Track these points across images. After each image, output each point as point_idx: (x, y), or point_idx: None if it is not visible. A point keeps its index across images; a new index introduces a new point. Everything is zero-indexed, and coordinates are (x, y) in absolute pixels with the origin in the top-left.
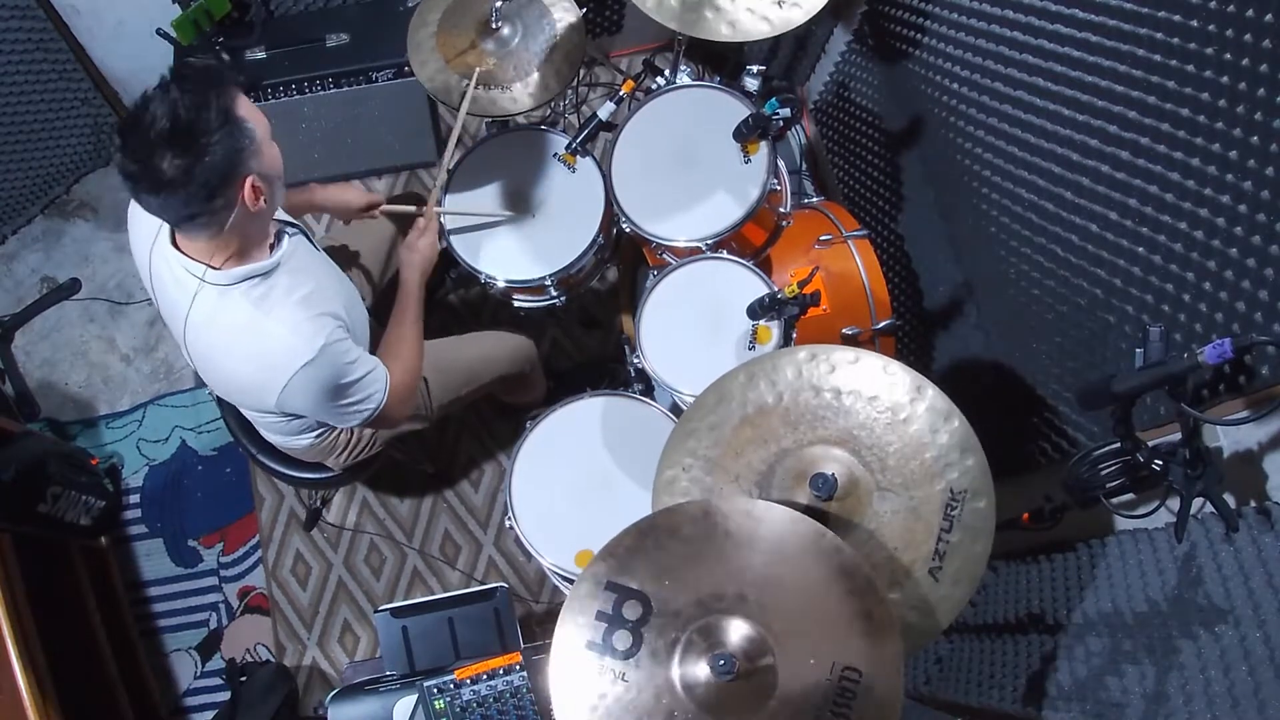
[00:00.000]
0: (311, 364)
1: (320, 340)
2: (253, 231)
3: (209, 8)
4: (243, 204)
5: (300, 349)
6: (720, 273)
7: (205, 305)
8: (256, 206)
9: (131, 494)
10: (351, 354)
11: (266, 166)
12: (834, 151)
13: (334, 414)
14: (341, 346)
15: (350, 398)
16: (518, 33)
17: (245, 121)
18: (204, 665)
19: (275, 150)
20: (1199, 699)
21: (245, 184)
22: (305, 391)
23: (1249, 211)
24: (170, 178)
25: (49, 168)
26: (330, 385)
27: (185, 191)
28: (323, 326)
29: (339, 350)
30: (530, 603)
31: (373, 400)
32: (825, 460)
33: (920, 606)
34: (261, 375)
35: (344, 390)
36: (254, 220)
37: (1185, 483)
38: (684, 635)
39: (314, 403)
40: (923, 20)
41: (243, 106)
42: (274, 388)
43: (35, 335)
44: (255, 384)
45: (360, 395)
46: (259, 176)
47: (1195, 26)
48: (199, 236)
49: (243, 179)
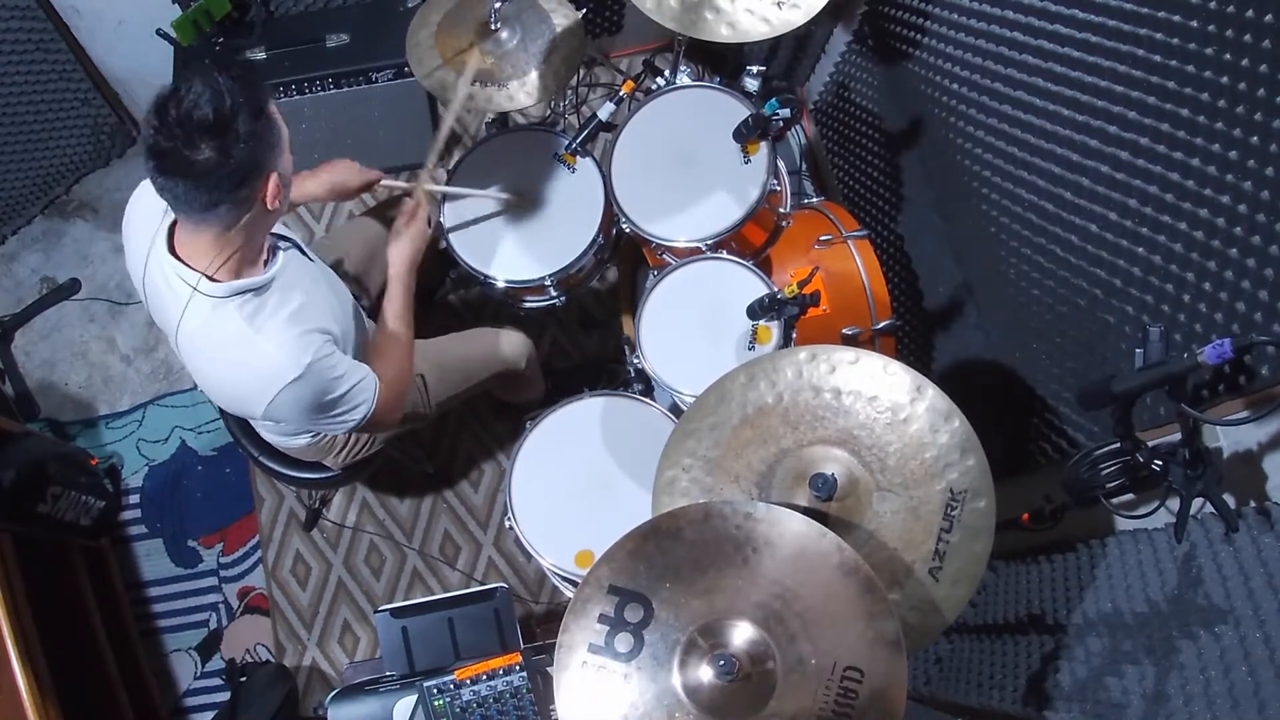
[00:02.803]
0: (297, 381)
1: (306, 358)
2: (256, 236)
3: (209, 8)
4: (262, 202)
5: (286, 367)
6: (720, 273)
7: (196, 317)
8: (274, 206)
9: (131, 494)
10: (339, 368)
11: (287, 166)
12: (834, 152)
13: (321, 424)
14: (328, 363)
15: (337, 410)
16: (517, 34)
17: (277, 119)
18: (204, 665)
19: (291, 158)
20: (1199, 699)
21: (270, 180)
22: (291, 406)
23: (1249, 211)
24: (201, 164)
25: (49, 168)
26: (316, 400)
27: (212, 179)
28: (309, 344)
29: (325, 366)
30: (530, 603)
31: (359, 410)
32: (825, 460)
33: (920, 607)
34: (248, 389)
35: (330, 404)
36: (262, 223)
37: (1185, 483)
38: (685, 637)
39: (300, 415)
40: (923, 20)
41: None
42: (260, 401)
43: (35, 335)
44: (242, 396)
45: (347, 406)
46: (281, 176)
47: (1195, 26)
48: (205, 233)
49: (268, 175)
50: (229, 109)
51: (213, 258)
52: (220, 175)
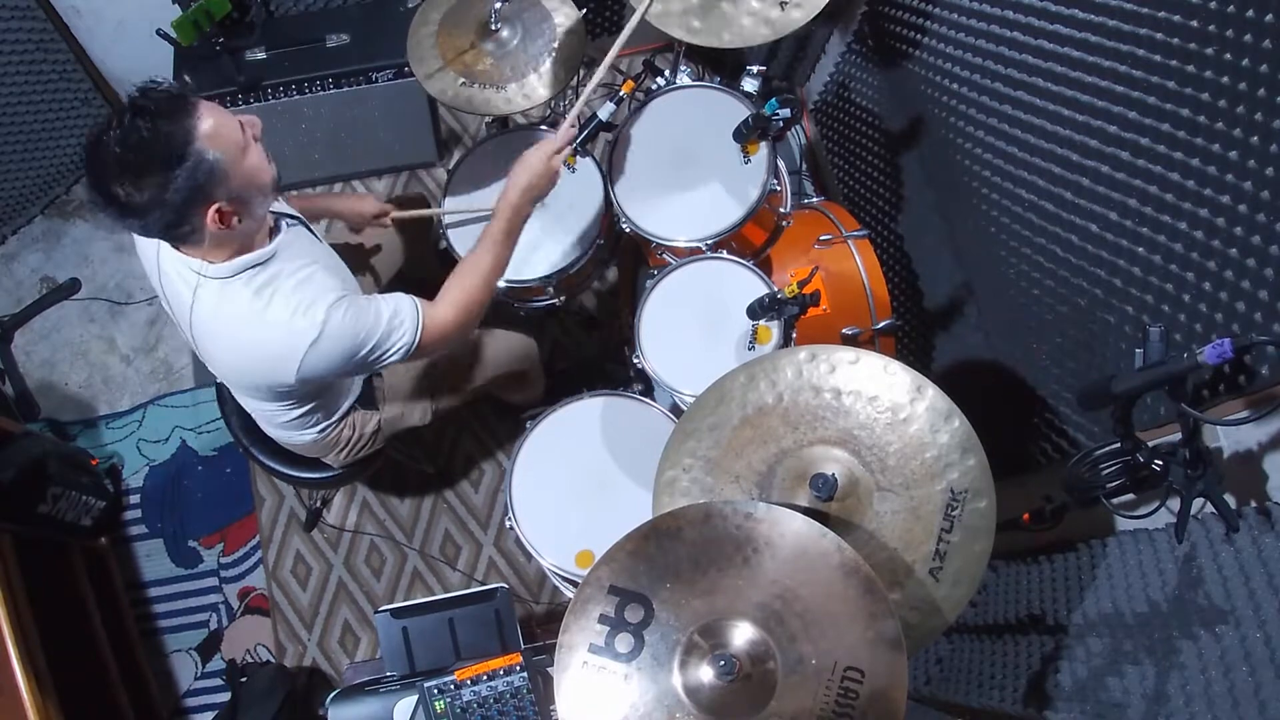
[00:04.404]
0: (319, 340)
1: (320, 314)
2: (242, 234)
3: (209, 8)
4: (209, 228)
5: (305, 329)
6: (720, 273)
7: (208, 299)
8: (226, 229)
9: (131, 494)
10: (363, 312)
11: (238, 186)
12: (834, 152)
13: (367, 366)
14: (347, 311)
15: (379, 349)
16: (517, 34)
17: (206, 153)
18: (204, 666)
19: (255, 160)
20: (1199, 699)
21: (209, 212)
22: (323, 363)
23: (1249, 211)
24: (128, 206)
25: (49, 168)
26: (350, 350)
27: (144, 220)
28: (322, 301)
29: (345, 316)
30: (530, 603)
31: (403, 340)
32: (825, 460)
33: (921, 607)
34: (272, 362)
35: (367, 348)
36: (231, 234)
37: (1185, 483)
38: (686, 638)
39: (339, 367)
40: (923, 20)
41: (205, 131)
42: (290, 368)
43: (35, 335)
44: (268, 370)
45: (388, 344)
46: (227, 201)
47: (1195, 26)
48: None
49: (205, 208)
50: (137, 157)
51: (206, 255)
52: (150, 218)
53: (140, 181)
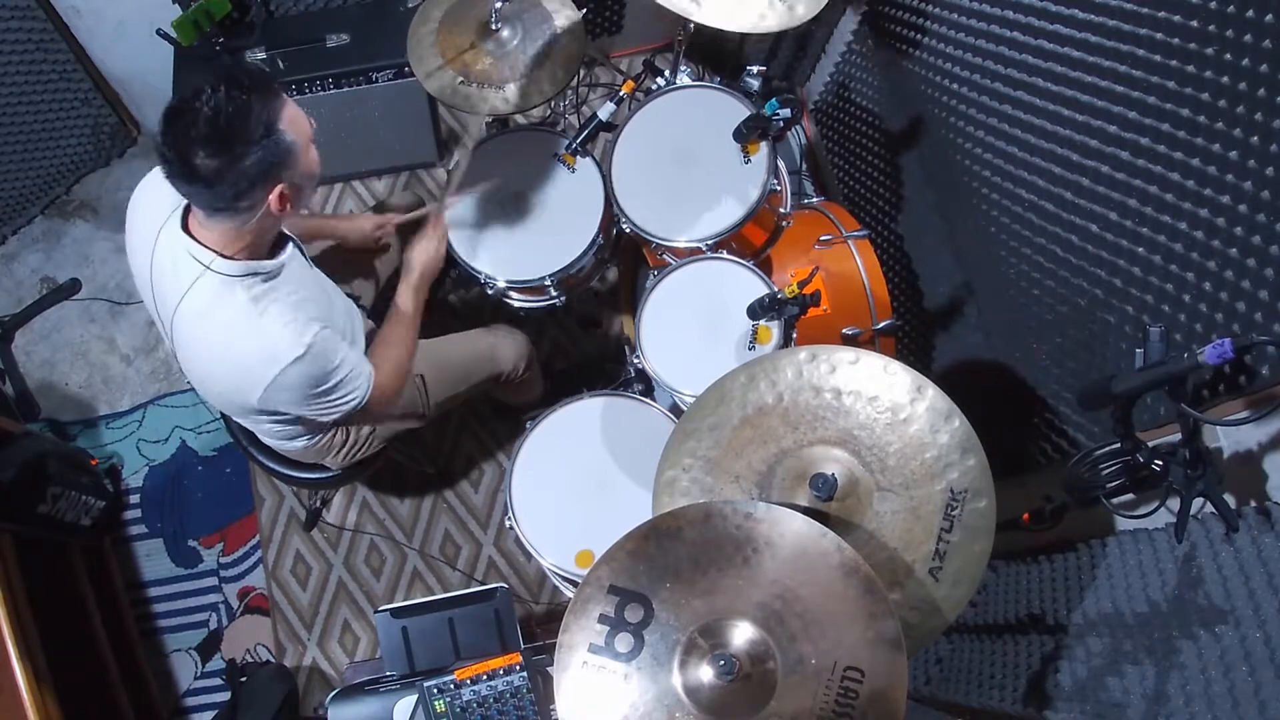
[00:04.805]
0: (300, 360)
1: (309, 339)
2: (267, 231)
3: (209, 8)
4: (268, 208)
5: (290, 344)
6: (720, 273)
7: (202, 294)
8: (282, 212)
9: (131, 494)
10: (338, 354)
11: (302, 174)
12: (834, 152)
13: (313, 410)
14: (329, 346)
15: (331, 396)
16: (517, 34)
17: (285, 134)
18: (204, 666)
19: (314, 154)
20: (1199, 699)
21: (274, 191)
22: (291, 386)
23: (1249, 211)
24: (202, 174)
25: (49, 168)
26: (314, 383)
27: (214, 189)
28: (312, 326)
29: (327, 347)
30: (530, 603)
31: (352, 398)
32: (825, 460)
33: (920, 606)
34: (248, 370)
35: (326, 390)
36: (273, 221)
37: (1185, 483)
38: (686, 637)
39: (298, 398)
40: (923, 20)
41: (287, 115)
42: (261, 382)
43: (35, 335)
44: (240, 380)
45: (341, 394)
46: (290, 185)
47: (1195, 26)
48: (218, 225)
49: (272, 186)
50: (225, 128)
51: (225, 243)
52: (221, 185)
53: (225, 150)
